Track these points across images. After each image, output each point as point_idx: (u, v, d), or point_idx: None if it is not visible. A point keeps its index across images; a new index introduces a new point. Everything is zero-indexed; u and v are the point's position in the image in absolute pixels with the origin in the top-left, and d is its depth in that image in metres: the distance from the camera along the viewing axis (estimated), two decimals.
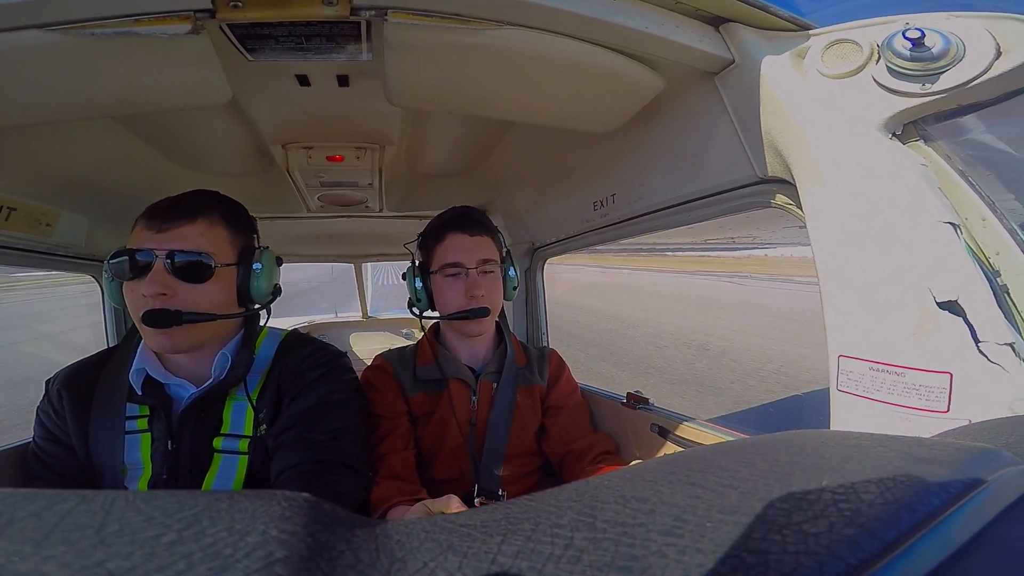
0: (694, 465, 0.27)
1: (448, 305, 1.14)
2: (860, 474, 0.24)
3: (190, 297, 0.86)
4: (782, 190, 0.81)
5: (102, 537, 0.19)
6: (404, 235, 1.34)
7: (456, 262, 1.13)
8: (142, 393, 0.91)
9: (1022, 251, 0.64)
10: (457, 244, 1.14)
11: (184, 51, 0.68)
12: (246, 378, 0.93)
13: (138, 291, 0.84)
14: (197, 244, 0.87)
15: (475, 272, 1.13)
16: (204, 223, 0.89)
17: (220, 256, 0.90)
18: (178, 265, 0.85)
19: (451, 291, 1.14)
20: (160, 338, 0.85)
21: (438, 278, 1.16)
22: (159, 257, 0.84)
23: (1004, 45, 0.60)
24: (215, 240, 0.90)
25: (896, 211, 0.63)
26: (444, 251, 1.15)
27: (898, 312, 0.62)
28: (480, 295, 1.12)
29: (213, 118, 1.05)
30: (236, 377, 0.93)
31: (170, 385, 0.93)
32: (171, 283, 0.84)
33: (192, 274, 0.86)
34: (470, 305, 1.12)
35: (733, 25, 0.75)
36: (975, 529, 0.22)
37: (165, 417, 0.91)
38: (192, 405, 0.92)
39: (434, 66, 0.76)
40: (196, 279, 0.86)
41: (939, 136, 0.68)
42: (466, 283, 1.13)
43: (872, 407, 0.64)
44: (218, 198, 0.96)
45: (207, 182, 1.20)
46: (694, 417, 1.19)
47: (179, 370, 0.94)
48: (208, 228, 0.90)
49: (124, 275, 0.85)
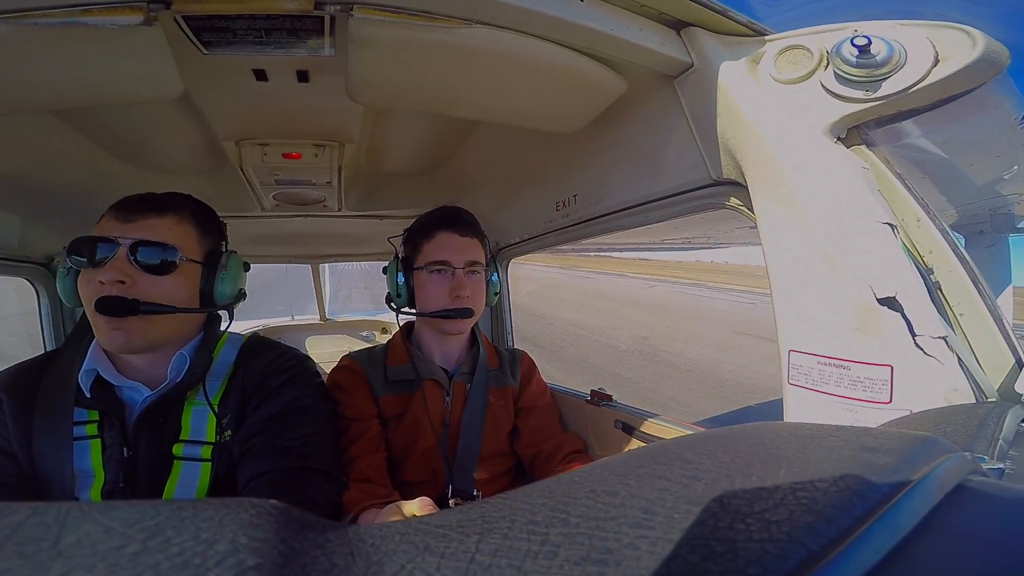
0: (659, 458, 0.28)
1: (431, 303, 1.13)
2: (814, 464, 0.25)
3: (150, 289, 0.82)
4: (735, 192, 0.84)
5: (60, 550, 0.18)
6: (364, 235, 1.31)
7: (444, 260, 1.12)
8: (91, 397, 0.86)
9: (952, 250, 0.68)
10: (447, 242, 1.13)
11: (133, 43, 0.65)
12: (206, 383, 0.90)
13: (95, 279, 0.80)
14: (163, 236, 0.84)
15: (462, 272, 1.12)
16: (174, 219, 0.87)
17: (186, 252, 0.87)
18: (141, 255, 0.82)
19: (436, 289, 1.12)
20: (114, 333, 0.81)
21: (423, 275, 1.14)
22: (123, 246, 0.81)
23: (942, 53, 0.64)
24: (183, 236, 0.87)
25: (840, 212, 0.66)
26: (433, 248, 1.13)
27: (843, 308, 0.65)
28: (465, 295, 1.11)
29: (161, 113, 1.01)
30: (194, 378, 0.89)
31: (122, 388, 0.89)
32: (131, 272, 0.81)
33: (155, 265, 0.83)
34: (454, 305, 1.11)
35: (694, 29, 0.78)
36: (922, 514, 0.23)
37: (119, 423, 0.87)
38: (148, 410, 0.87)
39: (399, 63, 0.75)
40: (158, 271, 0.83)
41: (879, 140, 0.72)
42: (452, 282, 1.11)
43: (821, 399, 0.68)
44: (189, 199, 0.94)
45: (154, 180, 1.13)
46: (656, 413, 1.22)
47: (133, 372, 0.90)
48: (177, 224, 0.87)
49: (83, 264, 0.82)
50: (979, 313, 0.67)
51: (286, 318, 3.37)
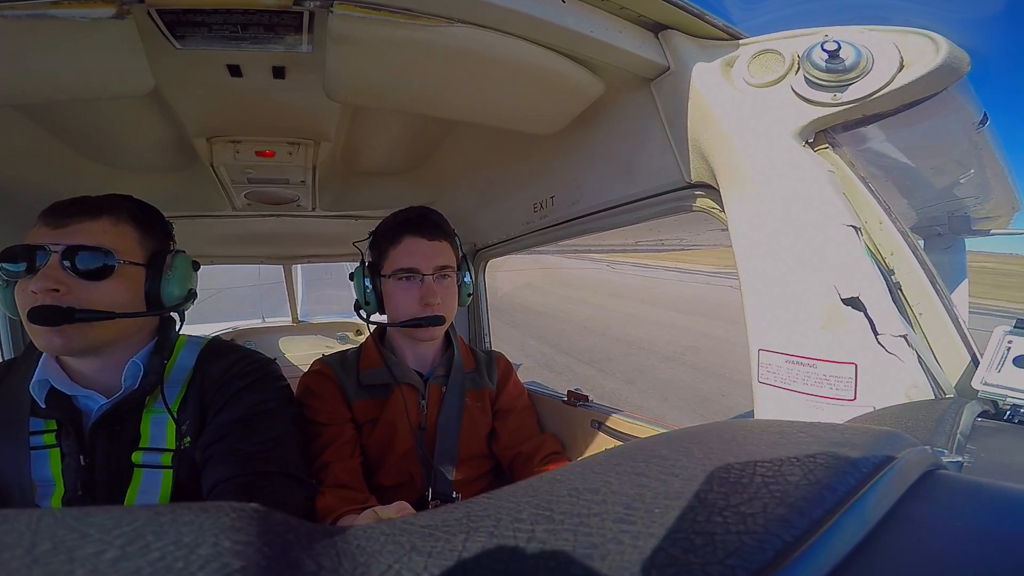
0: (638, 456, 0.28)
1: (400, 312, 1.09)
2: (785, 459, 0.26)
3: (87, 295, 0.79)
4: (707, 194, 0.85)
5: (35, 557, 0.18)
6: (338, 235, 1.28)
7: (412, 267, 1.07)
8: (46, 406, 0.84)
9: (912, 251, 0.71)
10: (414, 248, 1.08)
11: (103, 36, 0.63)
12: (164, 389, 0.88)
13: (28, 289, 0.77)
14: (98, 240, 0.81)
15: (431, 279, 1.07)
16: (109, 220, 0.83)
17: (125, 254, 0.83)
18: (75, 261, 0.79)
19: (404, 297, 1.08)
20: (51, 336, 0.78)
21: (390, 283, 1.09)
22: (54, 253, 0.78)
23: (907, 59, 0.66)
24: (120, 238, 0.84)
25: (807, 215, 0.68)
26: (399, 254, 1.08)
27: (809, 308, 0.67)
28: (436, 303, 1.06)
29: (129, 108, 0.98)
30: (149, 386, 0.87)
31: (78, 397, 0.86)
32: (65, 279, 0.78)
33: (90, 271, 0.80)
34: (424, 313, 1.06)
35: (671, 32, 0.79)
36: (888, 505, 0.24)
37: (75, 431, 0.84)
38: (104, 418, 0.85)
39: (379, 61, 0.74)
40: (95, 276, 0.80)
41: (845, 144, 0.74)
42: (421, 290, 1.07)
43: (790, 397, 0.69)
44: (128, 199, 0.90)
45: (120, 177, 1.09)
46: (633, 413, 1.24)
47: (86, 381, 0.87)
48: (113, 226, 0.84)
49: (16, 273, 0.78)
50: (937, 312, 0.69)
51: (257, 320, 3.28)
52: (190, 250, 0.97)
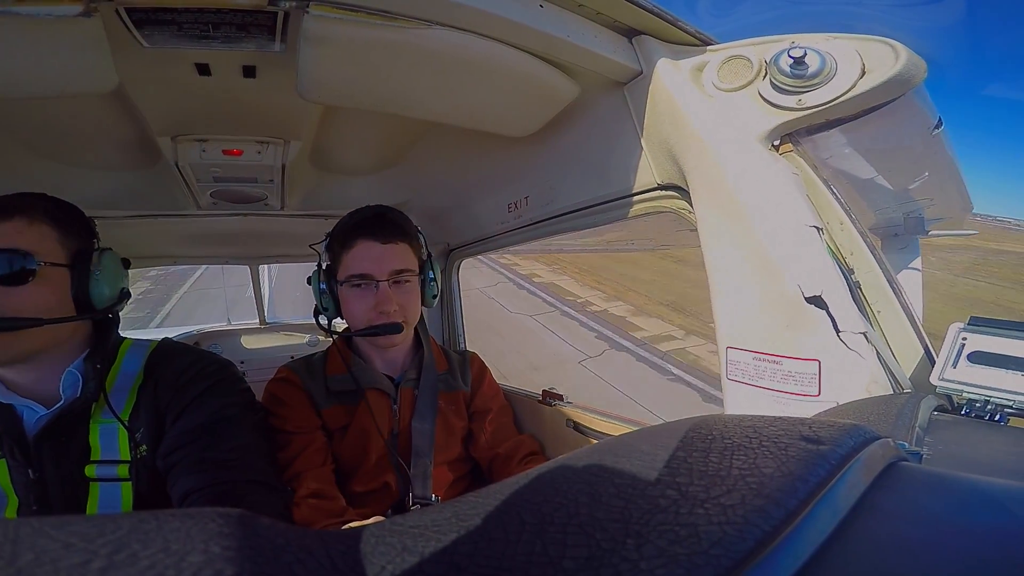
0: (619, 452, 0.29)
1: (356, 320, 1.05)
2: (759, 452, 0.27)
3: (7, 302, 0.74)
4: (678, 196, 0.87)
5: (18, 568, 0.17)
6: (307, 235, 1.26)
7: (364, 273, 1.02)
8: None
9: (870, 251, 0.74)
10: (366, 253, 1.03)
11: (67, 34, 0.61)
12: (109, 397, 0.83)
13: None
14: (13, 242, 0.76)
15: (386, 285, 1.02)
16: (23, 220, 0.78)
17: (44, 255, 0.78)
18: None
19: (359, 305, 1.03)
20: None
21: (345, 289, 1.05)
22: None
23: (868, 65, 0.69)
24: (37, 238, 0.79)
25: (773, 216, 0.70)
26: (352, 260, 1.04)
27: (775, 306, 0.69)
28: (391, 311, 1.02)
29: (88, 105, 0.94)
30: (91, 395, 0.82)
31: (15, 407, 0.82)
32: None
33: (9, 275, 0.75)
34: (380, 321, 1.02)
35: (645, 38, 0.80)
36: (856, 495, 0.26)
37: (17, 444, 0.80)
38: (46, 430, 0.80)
39: (353, 62, 0.73)
40: (14, 281, 0.75)
41: (809, 147, 0.77)
42: (376, 297, 1.02)
43: (758, 393, 0.71)
44: (43, 198, 0.84)
45: (79, 176, 1.03)
46: (606, 411, 1.25)
47: (24, 391, 0.82)
48: (27, 226, 0.78)
49: None
50: (894, 310, 0.73)
51: (222, 323, 3.18)
52: (153, 250, 0.94)
